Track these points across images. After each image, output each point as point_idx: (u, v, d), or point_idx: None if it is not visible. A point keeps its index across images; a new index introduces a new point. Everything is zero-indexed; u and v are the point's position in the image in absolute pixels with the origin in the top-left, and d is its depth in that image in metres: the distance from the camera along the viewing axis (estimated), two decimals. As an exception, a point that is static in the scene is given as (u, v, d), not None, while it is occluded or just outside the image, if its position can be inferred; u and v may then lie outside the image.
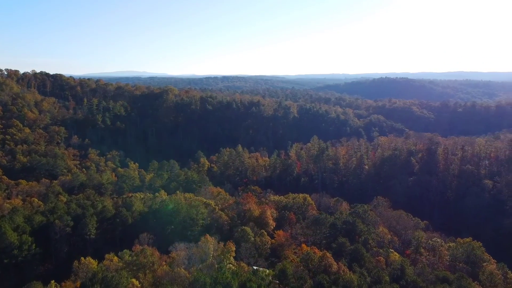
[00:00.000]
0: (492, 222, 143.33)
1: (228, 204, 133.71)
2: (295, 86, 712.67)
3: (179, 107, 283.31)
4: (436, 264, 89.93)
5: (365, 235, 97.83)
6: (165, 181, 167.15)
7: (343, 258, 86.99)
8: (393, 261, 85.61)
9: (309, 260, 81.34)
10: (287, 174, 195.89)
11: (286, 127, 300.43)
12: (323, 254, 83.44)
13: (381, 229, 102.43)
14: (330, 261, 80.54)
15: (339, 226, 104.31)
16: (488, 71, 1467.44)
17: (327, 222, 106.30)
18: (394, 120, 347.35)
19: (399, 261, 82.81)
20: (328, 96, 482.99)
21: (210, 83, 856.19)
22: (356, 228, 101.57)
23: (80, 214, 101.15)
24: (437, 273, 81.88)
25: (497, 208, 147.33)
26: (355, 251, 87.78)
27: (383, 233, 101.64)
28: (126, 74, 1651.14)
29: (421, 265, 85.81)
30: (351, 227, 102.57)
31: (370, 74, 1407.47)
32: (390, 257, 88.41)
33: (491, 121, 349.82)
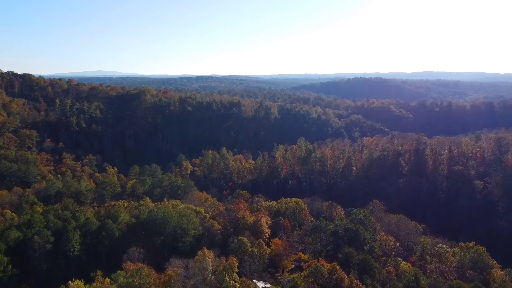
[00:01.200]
0: (485, 223, 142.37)
1: (219, 211, 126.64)
2: (271, 86, 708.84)
3: (157, 108, 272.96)
4: (446, 272, 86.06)
5: (370, 243, 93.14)
6: (148, 187, 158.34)
7: (351, 269, 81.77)
8: (404, 271, 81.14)
9: (318, 274, 75.61)
10: (274, 177, 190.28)
11: (268, 128, 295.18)
12: (333, 266, 77.91)
13: (385, 237, 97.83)
14: (341, 274, 75.11)
15: (341, 233, 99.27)
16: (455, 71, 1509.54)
17: (328, 229, 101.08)
18: (374, 120, 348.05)
19: (412, 271, 78.29)
20: (306, 96, 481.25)
21: (185, 83, 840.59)
22: (360, 236, 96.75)
23: (61, 227, 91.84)
24: (450, 283, 77.91)
25: (488, 209, 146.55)
26: (363, 262, 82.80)
27: (387, 240, 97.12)
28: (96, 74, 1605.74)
29: (434, 275, 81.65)
30: (354, 235, 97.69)
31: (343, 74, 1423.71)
32: (400, 267, 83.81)
33: (467, 121, 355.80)
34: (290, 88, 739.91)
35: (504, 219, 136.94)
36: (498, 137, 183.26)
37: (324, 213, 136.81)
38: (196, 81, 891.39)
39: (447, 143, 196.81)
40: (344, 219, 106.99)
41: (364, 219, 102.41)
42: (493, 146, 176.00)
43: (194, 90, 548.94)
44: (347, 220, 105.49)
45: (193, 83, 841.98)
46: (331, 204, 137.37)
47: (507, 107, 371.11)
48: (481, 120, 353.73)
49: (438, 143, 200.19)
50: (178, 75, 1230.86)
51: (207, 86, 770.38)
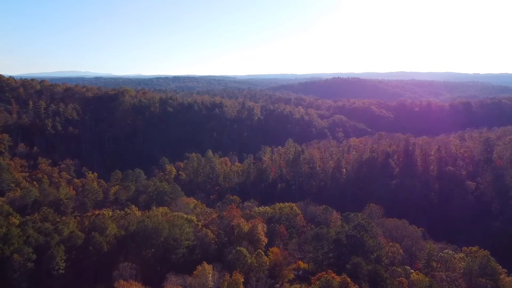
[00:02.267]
0: (479, 224, 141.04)
1: (211, 218, 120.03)
2: (251, 87, 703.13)
3: (137, 109, 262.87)
4: (456, 280, 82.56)
5: (376, 251, 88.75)
6: (133, 193, 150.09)
7: (361, 281, 77.14)
8: (416, 281, 77.00)
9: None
10: (262, 180, 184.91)
11: (251, 129, 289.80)
12: (343, 279, 73.04)
13: (391, 244, 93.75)
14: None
15: (344, 241, 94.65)
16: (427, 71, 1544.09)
17: (330, 237, 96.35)
18: (356, 120, 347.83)
19: (426, 281, 74.20)
20: (288, 96, 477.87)
21: (161, 83, 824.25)
22: (364, 244, 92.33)
23: (42, 243, 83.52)
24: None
25: (482, 210, 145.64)
26: (373, 273, 78.18)
27: (392, 247, 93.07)
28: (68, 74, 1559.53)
29: (444, 283, 77.93)
30: (358, 242, 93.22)
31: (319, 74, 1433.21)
32: (411, 276, 79.75)
33: (446, 120, 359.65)
34: (269, 88, 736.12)
35: (499, 220, 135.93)
36: (486, 137, 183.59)
37: (319, 218, 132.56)
38: (173, 81, 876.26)
39: (434, 143, 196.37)
40: (345, 225, 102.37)
41: (367, 225, 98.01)
42: (482, 146, 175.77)
43: (172, 90, 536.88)
44: (349, 226, 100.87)
45: (169, 83, 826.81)
46: (326, 208, 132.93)
47: (484, 106, 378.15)
48: (460, 119, 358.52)
49: (425, 143, 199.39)
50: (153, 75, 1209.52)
51: (185, 86, 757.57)
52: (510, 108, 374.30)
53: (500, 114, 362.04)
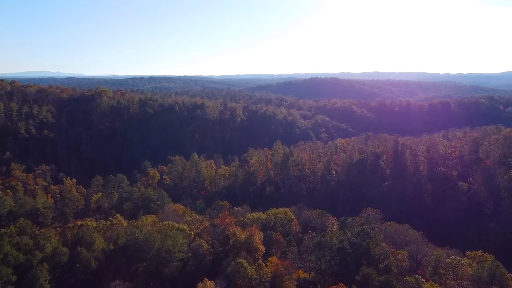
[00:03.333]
0: (473, 225, 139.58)
1: (203, 227, 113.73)
2: (229, 87, 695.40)
3: (115, 111, 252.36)
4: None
5: (385, 260, 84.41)
6: (116, 200, 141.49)
7: (373, 293, 72.56)
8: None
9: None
10: (250, 184, 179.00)
11: (234, 131, 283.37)
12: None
13: (399, 252, 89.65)
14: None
15: (349, 249, 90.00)
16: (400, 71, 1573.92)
17: (333, 245, 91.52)
18: (338, 120, 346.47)
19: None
20: (269, 96, 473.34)
21: (137, 84, 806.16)
22: (371, 252, 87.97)
23: (23, 262, 75.19)
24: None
25: (475, 211, 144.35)
26: (386, 284, 73.85)
27: (401, 255, 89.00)
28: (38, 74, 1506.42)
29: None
30: (364, 251, 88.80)
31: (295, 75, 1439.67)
32: (424, 287, 75.70)
33: (426, 120, 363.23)
34: (247, 88, 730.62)
35: (493, 222, 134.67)
36: (474, 137, 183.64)
37: (313, 223, 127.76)
38: (149, 82, 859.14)
39: (422, 143, 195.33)
40: (347, 232, 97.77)
41: (370, 232, 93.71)
42: (470, 146, 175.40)
43: (148, 91, 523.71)
44: (351, 233, 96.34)
45: (145, 84, 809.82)
46: (321, 213, 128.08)
47: (462, 106, 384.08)
48: (439, 119, 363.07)
49: (412, 143, 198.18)
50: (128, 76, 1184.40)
51: (161, 87, 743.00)
52: (487, 107, 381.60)
53: (478, 113, 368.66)
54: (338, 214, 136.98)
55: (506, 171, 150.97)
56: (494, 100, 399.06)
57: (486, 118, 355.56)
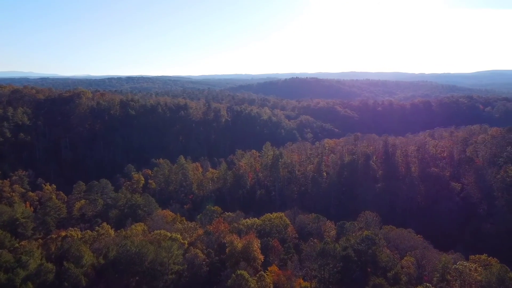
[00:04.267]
0: (468, 226, 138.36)
1: (197, 235, 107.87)
2: (210, 87, 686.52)
3: (95, 112, 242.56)
4: (481, 297, 76.10)
5: (393, 268, 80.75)
6: (101, 207, 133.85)
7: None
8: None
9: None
10: (239, 187, 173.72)
11: (219, 132, 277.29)
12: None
13: (407, 259, 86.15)
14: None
15: (354, 258, 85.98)
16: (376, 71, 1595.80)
17: (337, 253, 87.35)
18: (322, 121, 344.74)
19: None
20: (252, 97, 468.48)
21: (114, 84, 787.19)
22: (377, 260, 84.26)
23: (4, 282, 67.94)
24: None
25: (469, 212, 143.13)
26: (398, 295, 69.86)
27: (406, 261, 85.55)
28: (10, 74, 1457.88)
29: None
30: (370, 258, 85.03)
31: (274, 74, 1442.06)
32: (437, 296, 72.28)
33: (409, 119, 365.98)
34: (228, 88, 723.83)
35: (489, 222, 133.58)
36: (464, 137, 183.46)
37: (309, 227, 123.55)
38: (127, 82, 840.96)
39: (411, 143, 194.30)
40: (351, 239, 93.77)
41: (376, 238, 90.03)
42: (460, 145, 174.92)
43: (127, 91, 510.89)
44: (355, 240, 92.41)
45: (123, 84, 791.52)
46: (317, 217, 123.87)
47: (443, 105, 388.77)
48: (421, 118, 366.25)
49: (401, 143, 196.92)
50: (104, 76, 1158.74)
51: (140, 87, 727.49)
52: (467, 107, 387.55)
53: (458, 112, 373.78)
54: (331, 216, 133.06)
55: (497, 171, 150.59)
56: (473, 99, 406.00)
57: (467, 117, 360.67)
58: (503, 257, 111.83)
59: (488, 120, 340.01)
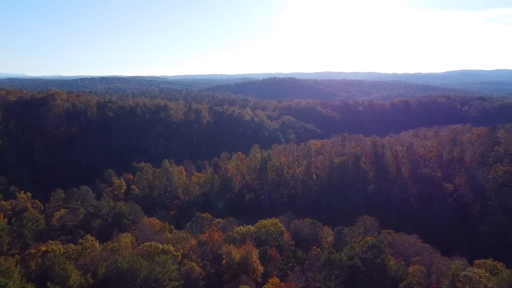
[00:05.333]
0: (463, 228, 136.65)
1: (190, 245, 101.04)
2: (187, 87, 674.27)
3: (71, 115, 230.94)
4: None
5: (404, 279, 76.56)
6: (83, 217, 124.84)
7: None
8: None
9: None
10: (227, 191, 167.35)
11: (201, 133, 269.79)
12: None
13: (416, 267, 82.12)
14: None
15: (362, 268, 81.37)
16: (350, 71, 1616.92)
17: (344, 263, 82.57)
18: (304, 121, 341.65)
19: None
20: (227, 97, 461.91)
21: (87, 85, 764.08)
22: (386, 268, 79.98)
23: (-19, 310, 59.72)
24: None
25: (463, 213, 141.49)
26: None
27: (417, 271, 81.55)
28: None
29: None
30: (379, 267, 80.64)
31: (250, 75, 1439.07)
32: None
33: (389, 119, 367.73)
34: (205, 89, 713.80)
35: (484, 223, 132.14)
36: (452, 137, 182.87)
37: (304, 233, 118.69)
38: (100, 83, 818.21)
39: (398, 143, 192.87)
40: (356, 247, 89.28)
41: (382, 246, 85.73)
42: (449, 146, 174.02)
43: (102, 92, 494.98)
44: (360, 248, 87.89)
45: (97, 85, 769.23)
46: (313, 222, 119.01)
47: (422, 105, 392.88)
48: (401, 118, 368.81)
49: (388, 143, 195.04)
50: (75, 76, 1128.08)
51: (114, 87, 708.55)
52: (445, 106, 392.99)
53: (437, 111, 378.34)
54: (323, 220, 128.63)
55: (488, 170, 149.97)
56: (451, 99, 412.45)
57: (445, 116, 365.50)
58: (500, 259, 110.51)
59: (466, 119, 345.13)
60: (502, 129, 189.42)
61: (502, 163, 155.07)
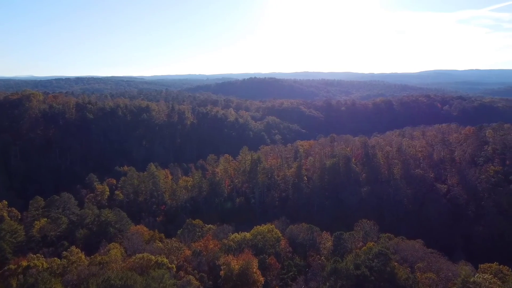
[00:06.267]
0: (458, 229, 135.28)
1: (184, 256, 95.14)
2: (168, 88, 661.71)
3: (48, 117, 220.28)
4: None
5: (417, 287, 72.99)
6: (66, 226, 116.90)
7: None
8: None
9: None
10: (216, 195, 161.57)
11: (184, 135, 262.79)
12: None
13: (427, 275, 78.69)
14: None
15: (370, 277, 77.47)
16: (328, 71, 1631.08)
17: (351, 272, 78.50)
18: (288, 121, 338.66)
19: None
20: (208, 97, 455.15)
21: (63, 85, 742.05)
22: (396, 277, 76.29)
23: None
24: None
25: (458, 214, 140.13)
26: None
27: (428, 278, 78.20)
28: None
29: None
30: (388, 276, 76.88)
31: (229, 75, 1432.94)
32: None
33: (372, 119, 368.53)
34: (185, 89, 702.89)
35: (480, 225, 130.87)
36: (442, 137, 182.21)
37: (300, 239, 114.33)
38: (76, 83, 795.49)
39: (386, 143, 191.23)
40: (361, 255, 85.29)
41: (389, 253, 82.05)
42: (440, 145, 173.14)
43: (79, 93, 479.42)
44: (366, 256, 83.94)
45: (72, 85, 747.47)
46: (310, 227, 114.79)
47: (403, 104, 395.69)
48: (384, 117, 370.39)
49: (377, 143, 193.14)
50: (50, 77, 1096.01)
51: (91, 88, 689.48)
52: (427, 106, 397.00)
53: (419, 111, 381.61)
54: (316, 223, 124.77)
55: (480, 171, 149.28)
56: (431, 98, 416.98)
57: (427, 116, 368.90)
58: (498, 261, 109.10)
59: (447, 118, 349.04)
60: (489, 129, 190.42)
61: (493, 163, 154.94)
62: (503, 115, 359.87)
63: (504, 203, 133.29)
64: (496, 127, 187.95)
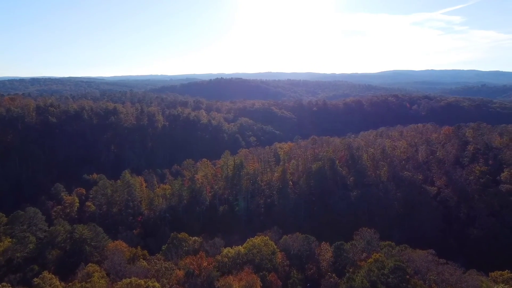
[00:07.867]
0: (451, 232, 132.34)
1: (176, 278, 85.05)
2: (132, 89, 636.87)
3: (5, 121, 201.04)
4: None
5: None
6: (34, 247, 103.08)
7: None
8: None
9: None
10: (198, 204, 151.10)
11: (156, 139, 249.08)
12: None
13: None
14: None
15: (389, 294, 70.84)
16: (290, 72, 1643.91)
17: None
18: (261, 123, 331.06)
19: None
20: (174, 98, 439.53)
21: (17, 87, 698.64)
22: (416, 294, 70.08)
23: None
24: None
25: (449, 217, 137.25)
26: None
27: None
28: None
29: None
30: (408, 294, 70.52)
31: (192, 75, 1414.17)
32: None
33: (344, 119, 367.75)
34: (150, 90, 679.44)
35: (473, 227, 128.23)
36: (426, 138, 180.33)
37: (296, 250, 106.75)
38: (32, 84, 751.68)
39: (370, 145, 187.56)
40: (374, 270, 78.43)
41: (406, 267, 75.74)
42: (425, 147, 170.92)
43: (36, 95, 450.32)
44: (380, 272, 77.19)
45: (28, 87, 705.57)
46: (307, 238, 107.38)
47: (373, 104, 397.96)
48: (355, 118, 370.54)
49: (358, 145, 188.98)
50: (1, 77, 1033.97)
51: (49, 89, 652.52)
52: (396, 105, 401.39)
53: (389, 111, 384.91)
54: (304, 231, 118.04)
55: (468, 172, 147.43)
56: (400, 98, 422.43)
57: (397, 115, 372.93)
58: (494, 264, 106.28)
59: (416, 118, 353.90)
60: (468, 129, 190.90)
61: (478, 163, 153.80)
62: (469, 114, 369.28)
63: (496, 204, 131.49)
64: (475, 127, 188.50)
